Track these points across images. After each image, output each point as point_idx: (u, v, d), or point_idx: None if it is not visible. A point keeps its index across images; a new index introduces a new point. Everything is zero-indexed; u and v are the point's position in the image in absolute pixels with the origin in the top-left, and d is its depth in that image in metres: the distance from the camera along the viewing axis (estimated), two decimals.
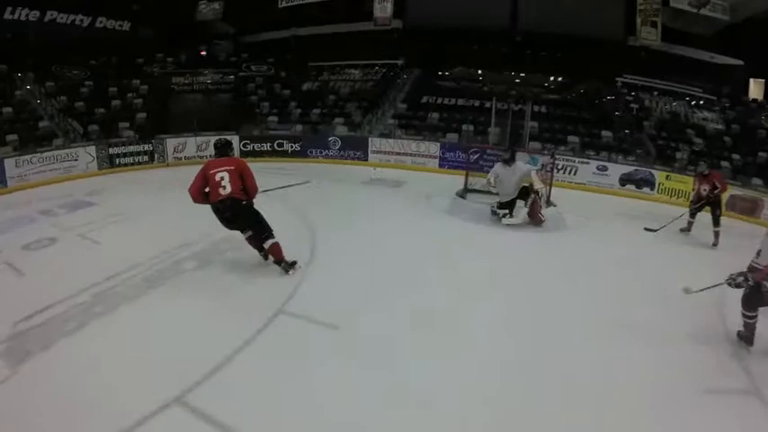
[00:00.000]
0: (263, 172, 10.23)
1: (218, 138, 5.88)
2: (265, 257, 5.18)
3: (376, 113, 13.15)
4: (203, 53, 17.68)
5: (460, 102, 13.06)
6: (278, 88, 15.64)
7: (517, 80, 14.63)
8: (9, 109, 12.81)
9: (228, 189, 4.77)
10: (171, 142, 12.46)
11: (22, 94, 13.86)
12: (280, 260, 4.99)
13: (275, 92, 15.51)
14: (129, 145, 12.42)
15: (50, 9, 15.38)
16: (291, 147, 12.19)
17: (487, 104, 11.32)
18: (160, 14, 17.46)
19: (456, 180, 8.52)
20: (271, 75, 16.58)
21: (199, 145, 12.24)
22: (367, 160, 11.22)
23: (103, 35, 16.77)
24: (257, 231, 4.96)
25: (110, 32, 16.92)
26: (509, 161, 6.46)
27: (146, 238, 6.13)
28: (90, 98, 14.45)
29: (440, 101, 13.18)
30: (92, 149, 12.01)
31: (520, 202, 6.58)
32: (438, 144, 10.93)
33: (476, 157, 9.06)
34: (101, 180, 10.93)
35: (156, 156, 12.49)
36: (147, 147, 12.50)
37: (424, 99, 13.20)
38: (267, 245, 4.95)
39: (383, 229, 6.64)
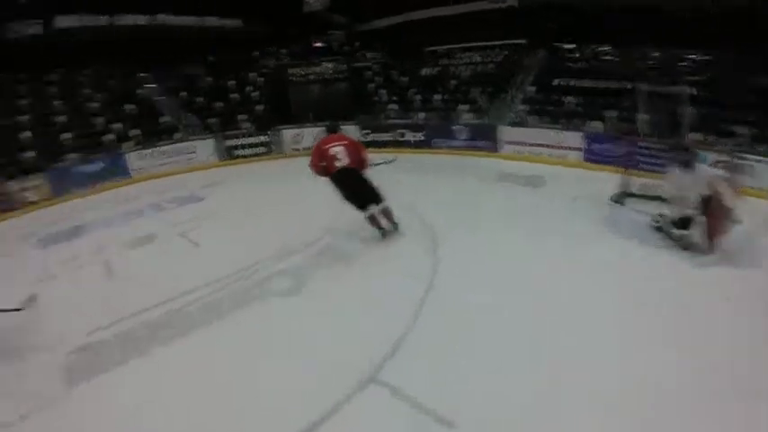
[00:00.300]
0: (383, 166, 10.10)
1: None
2: (383, 235, 5.75)
3: (504, 99, 12.37)
4: (317, 44, 17.98)
5: (598, 83, 11.71)
6: (395, 75, 15.40)
7: (655, 55, 12.78)
8: (132, 106, 14.02)
9: (345, 161, 5.43)
10: (287, 133, 12.80)
11: (145, 92, 15.14)
12: (392, 221, 5.78)
13: (392, 79, 15.29)
14: (248, 137, 13.04)
15: (161, 12, 16.64)
16: (414, 137, 11.88)
17: (629, 86, 9.89)
18: (269, 10, 18.12)
19: (606, 179, 7.46)
20: (386, 62, 16.41)
21: (316, 135, 12.46)
22: (497, 151, 10.43)
23: (216, 33, 17.87)
24: (372, 195, 5.53)
25: (222, 30, 17.98)
26: (688, 164, 5.14)
27: (246, 242, 6.14)
28: (209, 93, 15.44)
29: (573, 83, 12.00)
30: (210, 142, 12.81)
31: (699, 218, 4.96)
32: (581, 134, 9.54)
33: (627, 150, 7.91)
34: (217, 173, 11.61)
35: (273, 147, 12.96)
36: (263, 138, 13.02)
37: (555, 81, 12.10)
38: (380, 207, 5.60)
39: (521, 249, 5.33)
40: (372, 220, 5.68)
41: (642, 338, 3.57)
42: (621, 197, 6.81)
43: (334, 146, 5.52)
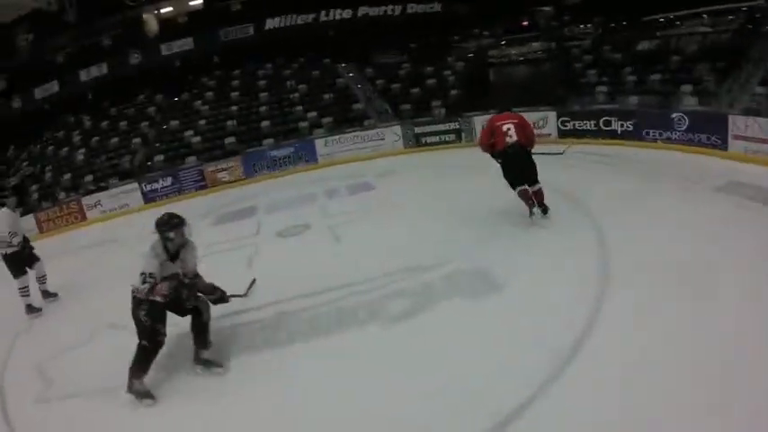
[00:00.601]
0: (576, 160, 9.43)
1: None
2: (531, 214, 6.00)
3: (738, 78, 10.23)
4: (525, 23, 17.24)
5: None
6: (607, 51, 13.93)
7: None
8: (329, 95, 15.58)
9: (514, 138, 5.88)
10: (479, 120, 12.40)
11: (344, 81, 16.59)
12: (543, 205, 5.98)
13: (604, 56, 13.86)
14: (437, 124, 13.34)
15: (361, 6, 18.04)
16: (622, 125, 10.56)
17: None
18: None
19: None
20: (599, 35, 14.91)
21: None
22: (726, 149, 8.47)
23: (417, 18, 18.48)
24: (532, 174, 5.91)
25: (422, 15, 18.44)
26: None
27: (392, 246, 6.08)
28: (406, 79, 16.22)
29: None
30: (397, 129, 13.52)
31: None
32: None
33: None
34: (401, 160, 12.11)
35: (463, 134, 13.00)
36: (453, 125, 13.13)
37: None
38: (535, 188, 5.93)
39: None
40: (524, 195, 5.94)
41: None
42: None
43: (505, 123, 5.97)
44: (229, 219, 9.47)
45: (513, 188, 6.03)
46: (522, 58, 15.70)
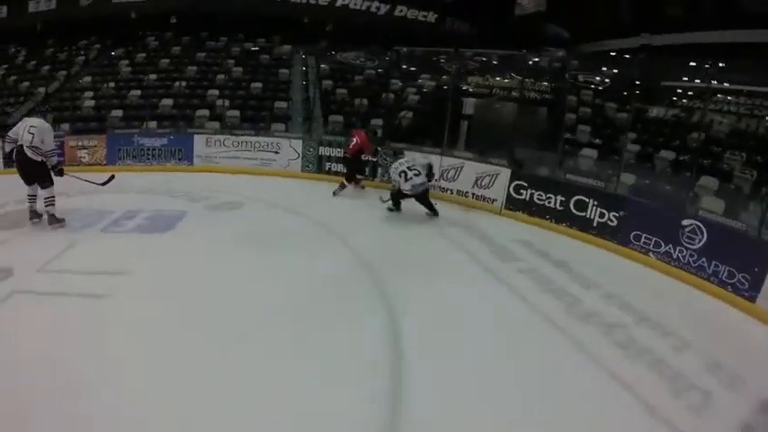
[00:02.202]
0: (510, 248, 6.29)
1: None
2: None
3: None
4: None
5: None
6: (610, 111, 10.54)
7: None
8: (260, 84, 12.88)
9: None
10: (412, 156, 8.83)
11: (288, 73, 13.70)
12: None
13: (605, 114, 10.48)
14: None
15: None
16: (602, 215, 6.84)
17: None
18: (473, 4, 14.87)
19: None
20: (605, 89, 11.53)
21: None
22: (755, 300, 4.93)
23: (404, 24, 16.13)
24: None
25: (411, 22, 15.70)
26: None
27: None
28: (360, 88, 12.95)
29: None
30: (298, 144, 10.26)
31: None
32: None
33: None
34: (281, 187, 9.30)
35: (379, 171, 9.67)
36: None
37: None
38: None
39: None
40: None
41: None
42: None
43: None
44: None
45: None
46: (507, 95, 12.10)
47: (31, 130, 5.93)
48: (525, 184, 7.74)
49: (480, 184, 8.27)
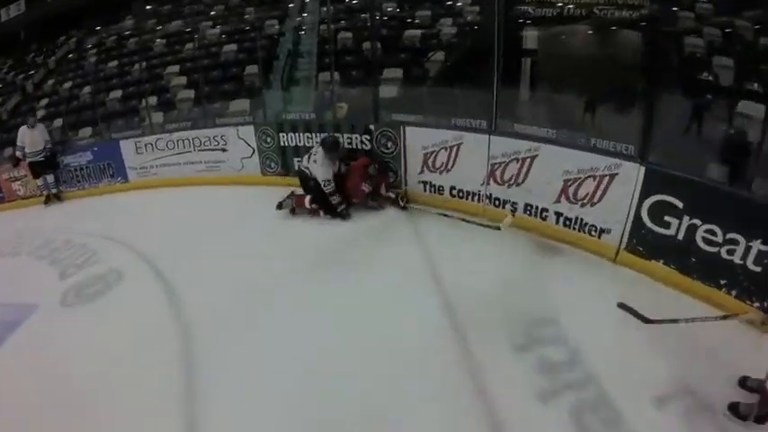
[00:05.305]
0: None
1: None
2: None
3: None
4: None
5: None
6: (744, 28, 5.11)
7: None
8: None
9: None
10: (421, 135, 5.64)
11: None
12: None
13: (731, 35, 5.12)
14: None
15: None
16: None
17: None
18: None
19: None
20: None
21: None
22: None
23: None
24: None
25: None
26: None
27: None
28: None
29: None
30: (249, 132, 7.16)
31: None
32: None
33: None
34: (231, 210, 6.28)
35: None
36: (363, 137, 6.34)
37: None
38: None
39: None
40: None
41: None
42: None
43: None
44: None
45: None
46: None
47: None
48: (679, 205, 3.13)
49: (574, 194, 3.83)
